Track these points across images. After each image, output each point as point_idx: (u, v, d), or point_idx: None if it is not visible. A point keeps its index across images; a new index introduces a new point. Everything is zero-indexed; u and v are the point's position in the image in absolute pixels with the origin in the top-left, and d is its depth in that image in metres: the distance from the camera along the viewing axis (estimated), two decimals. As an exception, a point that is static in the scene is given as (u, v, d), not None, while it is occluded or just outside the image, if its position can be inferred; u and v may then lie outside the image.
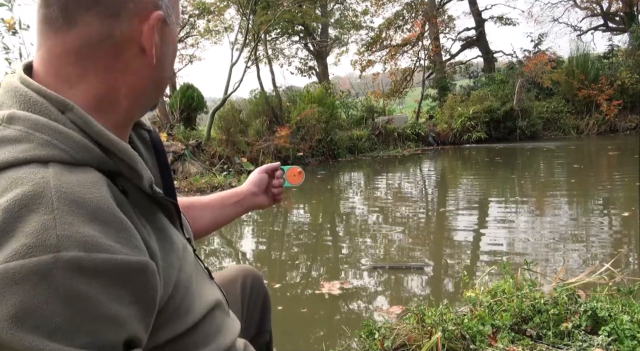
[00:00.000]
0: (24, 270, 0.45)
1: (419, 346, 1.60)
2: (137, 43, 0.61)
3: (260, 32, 11.64)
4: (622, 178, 6.63)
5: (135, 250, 0.53)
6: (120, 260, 0.50)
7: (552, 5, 20.82)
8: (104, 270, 0.49)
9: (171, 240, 0.67)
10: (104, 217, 0.51)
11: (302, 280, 3.35)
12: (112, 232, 0.51)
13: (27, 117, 0.55)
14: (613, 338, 1.53)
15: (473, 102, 13.66)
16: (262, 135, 10.53)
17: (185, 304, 0.67)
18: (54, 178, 0.51)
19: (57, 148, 0.53)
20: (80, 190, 0.51)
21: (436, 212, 5.49)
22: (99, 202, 0.52)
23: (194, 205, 1.08)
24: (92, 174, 0.54)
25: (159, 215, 0.67)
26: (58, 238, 0.47)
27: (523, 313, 1.75)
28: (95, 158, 0.56)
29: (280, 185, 1.16)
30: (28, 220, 0.47)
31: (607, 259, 2.88)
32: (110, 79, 0.61)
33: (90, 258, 0.48)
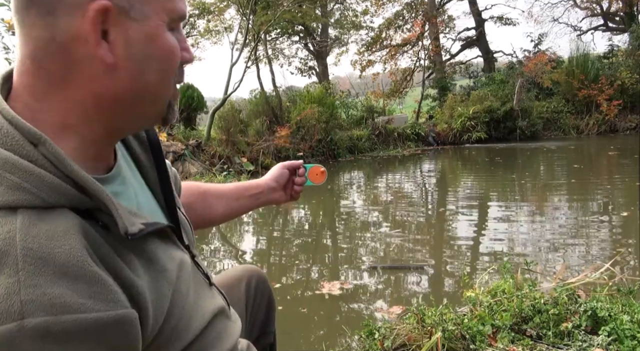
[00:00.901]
0: None
1: (419, 346, 1.60)
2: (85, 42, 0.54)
3: (260, 32, 11.64)
4: (622, 178, 6.63)
5: (110, 304, 0.49)
6: (93, 318, 0.47)
7: (552, 5, 20.85)
8: (75, 332, 0.45)
9: (162, 266, 0.62)
10: (74, 271, 0.47)
11: (302, 280, 3.35)
12: (83, 287, 0.47)
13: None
14: (613, 338, 1.53)
15: (473, 102, 13.66)
16: (262, 135, 10.53)
17: (182, 324, 0.64)
18: (21, 231, 0.47)
19: (27, 192, 0.50)
20: (48, 243, 0.47)
21: (436, 211, 5.49)
22: (69, 256, 0.47)
23: (210, 192, 1.05)
24: (64, 220, 0.50)
25: (147, 241, 0.62)
26: (22, 304, 0.44)
27: (523, 313, 1.75)
28: (69, 198, 0.52)
29: (302, 183, 1.14)
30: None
31: (607, 259, 2.88)
32: (69, 88, 0.55)
33: (59, 322, 0.44)
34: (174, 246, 0.69)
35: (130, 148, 0.73)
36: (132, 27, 0.56)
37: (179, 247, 0.70)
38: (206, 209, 1.02)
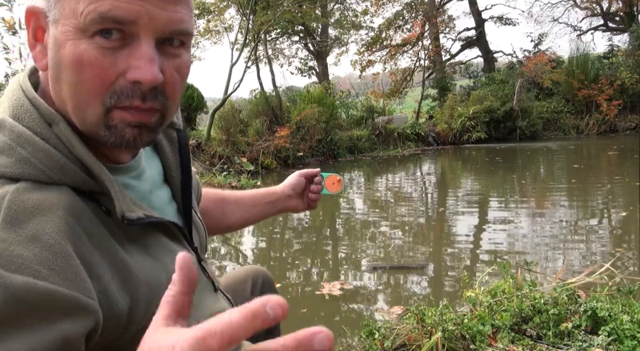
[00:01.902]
0: None
1: (419, 346, 1.60)
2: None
3: (260, 32, 11.63)
4: (622, 178, 6.63)
5: (68, 282, 0.48)
6: (42, 287, 0.46)
7: (552, 5, 20.85)
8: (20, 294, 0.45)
9: (160, 258, 0.63)
10: (44, 241, 0.48)
11: (303, 280, 3.35)
12: (46, 257, 0.47)
13: (13, 127, 0.54)
14: (613, 338, 1.53)
15: (473, 102, 13.66)
16: (262, 135, 10.53)
17: None
18: (12, 194, 0.50)
19: (33, 167, 0.53)
20: (32, 210, 0.49)
21: (436, 211, 5.49)
22: (45, 226, 0.49)
23: (227, 199, 1.06)
24: (57, 196, 0.52)
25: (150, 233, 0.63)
26: None
27: (523, 313, 1.75)
28: (73, 178, 0.54)
29: (318, 191, 1.14)
30: None
31: (607, 259, 2.88)
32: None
33: (8, 278, 0.44)
34: (179, 244, 0.69)
35: (158, 146, 0.75)
36: (51, 31, 0.55)
37: (185, 246, 0.71)
38: (223, 215, 1.04)
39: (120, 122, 0.55)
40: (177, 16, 0.55)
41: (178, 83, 0.59)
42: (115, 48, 0.53)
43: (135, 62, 0.53)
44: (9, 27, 5.39)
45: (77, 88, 0.54)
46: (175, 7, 0.55)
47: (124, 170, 0.65)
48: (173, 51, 0.57)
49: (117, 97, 0.54)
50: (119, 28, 0.52)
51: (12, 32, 5.45)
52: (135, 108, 0.55)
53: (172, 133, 0.75)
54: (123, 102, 0.54)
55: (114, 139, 0.56)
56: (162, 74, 0.55)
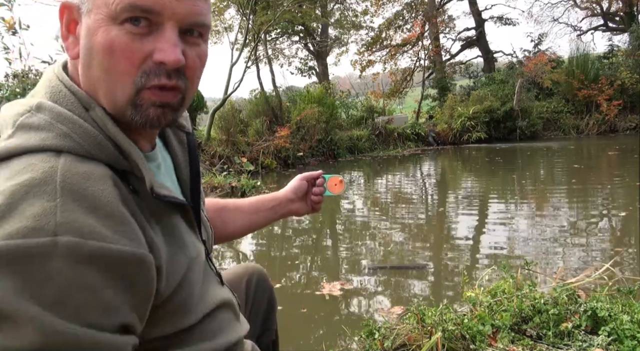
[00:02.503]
0: (23, 250, 0.48)
1: (419, 346, 1.60)
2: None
3: (260, 32, 11.63)
4: (622, 178, 6.63)
5: (133, 242, 0.55)
6: (115, 250, 0.52)
7: (552, 5, 20.86)
8: (98, 258, 0.51)
9: (182, 240, 0.68)
10: (104, 209, 0.53)
11: (303, 280, 3.35)
12: (110, 224, 0.53)
13: (53, 108, 0.59)
14: (613, 338, 1.53)
15: (473, 102, 13.66)
16: (262, 135, 10.53)
17: (189, 302, 0.68)
18: (62, 168, 0.54)
19: (73, 141, 0.57)
20: (85, 182, 0.54)
21: (436, 212, 5.50)
22: (101, 195, 0.54)
23: (227, 207, 1.07)
24: (100, 169, 0.57)
25: (172, 216, 0.68)
26: (57, 224, 0.50)
27: (523, 313, 1.75)
28: (108, 156, 0.59)
29: (321, 193, 1.14)
30: (32, 203, 0.51)
31: (607, 259, 2.88)
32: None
33: (86, 245, 0.50)
34: (194, 232, 0.74)
35: (169, 146, 0.79)
36: (84, 21, 0.61)
37: (197, 237, 0.75)
38: (224, 224, 1.05)
39: (146, 102, 0.61)
40: (196, 9, 0.62)
41: (198, 68, 0.65)
42: (143, 34, 0.59)
43: (160, 45, 0.59)
44: (9, 27, 5.38)
45: (109, 71, 0.59)
46: (194, 2, 0.61)
47: (147, 158, 0.69)
48: (193, 40, 0.64)
49: (147, 76, 0.60)
50: (146, 16, 0.59)
51: (12, 32, 5.45)
52: (162, 88, 0.61)
53: (182, 135, 0.80)
54: (152, 81, 0.60)
55: (139, 118, 0.61)
56: (185, 58, 0.61)
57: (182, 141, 0.80)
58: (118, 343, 0.53)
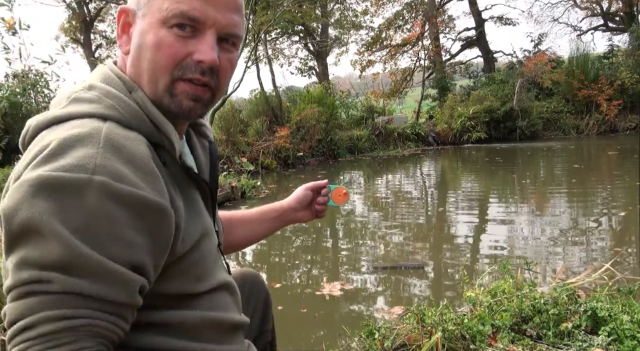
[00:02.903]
0: (64, 180, 0.58)
1: (419, 346, 1.60)
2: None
3: (260, 32, 11.63)
4: (622, 178, 6.63)
5: (158, 193, 0.64)
6: (141, 195, 0.61)
7: (552, 5, 20.84)
8: (125, 198, 0.60)
9: (200, 212, 0.77)
10: (137, 163, 0.63)
11: (303, 280, 3.35)
12: (141, 175, 0.62)
13: (103, 86, 0.71)
14: (613, 338, 1.53)
15: (473, 102, 13.65)
16: (262, 135, 10.52)
17: (199, 270, 0.76)
18: (107, 129, 0.64)
19: (117, 112, 0.68)
20: (124, 141, 0.64)
21: (436, 211, 5.50)
22: (137, 152, 0.64)
23: (232, 219, 1.12)
24: (139, 136, 0.67)
25: (193, 191, 0.78)
26: (96, 166, 0.59)
27: (523, 313, 1.75)
28: (146, 128, 0.69)
29: (325, 202, 1.15)
30: (78, 149, 0.61)
31: (607, 259, 2.88)
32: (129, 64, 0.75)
33: (117, 186, 0.59)
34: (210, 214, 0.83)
35: (193, 150, 0.88)
36: (138, 24, 0.73)
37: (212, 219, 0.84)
38: (229, 235, 1.08)
39: (181, 93, 0.72)
40: (233, 22, 0.74)
41: (228, 71, 0.77)
42: (187, 37, 0.71)
43: (200, 47, 0.71)
44: (9, 27, 5.38)
45: (154, 63, 0.71)
46: (232, 16, 0.74)
47: None
48: (227, 47, 0.76)
49: (183, 70, 0.71)
50: (192, 24, 0.71)
51: (12, 32, 5.45)
52: (195, 82, 0.72)
53: (206, 142, 0.91)
54: (187, 75, 0.71)
55: (174, 106, 0.72)
56: (219, 60, 0.73)
57: (205, 147, 0.90)
58: (127, 277, 0.61)
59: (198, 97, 0.73)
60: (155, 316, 0.72)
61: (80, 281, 0.57)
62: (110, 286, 0.59)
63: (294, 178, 8.83)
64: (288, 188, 7.75)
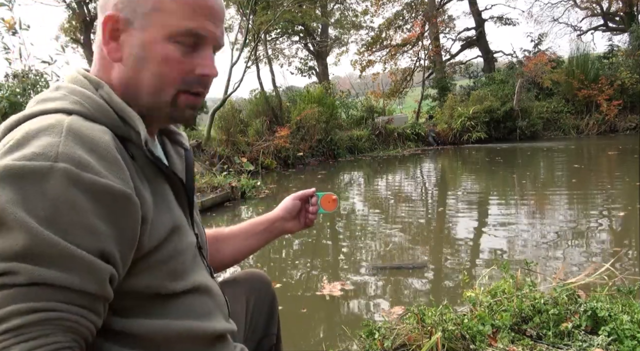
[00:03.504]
0: (26, 168, 0.58)
1: (419, 346, 1.60)
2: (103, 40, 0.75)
3: (260, 32, 11.63)
4: (622, 178, 6.63)
5: (122, 182, 0.63)
6: (104, 183, 0.61)
7: (552, 5, 20.85)
8: (88, 185, 0.60)
9: (169, 205, 0.76)
10: (100, 151, 0.63)
11: (303, 281, 3.35)
12: (104, 164, 0.62)
13: (69, 85, 0.73)
14: (613, 338, 1.53)
15: (473, 102, 13.65)
16: (262, 135, 10.53)
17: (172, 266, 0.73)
18: (70, 120, 0.65)
19: (82, 106, 0.69)
20: (87, 131, 0.64)
21: (436, 212, 5.50)
22: (100, 140, 0.64)
23: (220, 237, 1.09)
24: (104, 128, 0.67)
25: (163, 185, 0.77)
26: (58, 154, 0.59)
27: (523, 313, 1.75)
28: (112, 122, 0.70)
29: (316, 211, 1.14)
30: (40, 138, 0.61)
31: (607, 259, 2.88)
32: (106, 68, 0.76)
33: (80, 174, 0.59)
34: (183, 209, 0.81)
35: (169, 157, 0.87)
36: (134, 34, 0.73)
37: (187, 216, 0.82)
38: (218, 253, 1.06)
39: (183, 104, 0.75)
40: (221, 34, 0.78)
41: None
42: (190, 52, 0.74)
43: (204, 62, 0.75)
44: (9, 27, 5.38)
45: (162, 77, 0.73)
46: (221, 28, 0.77)
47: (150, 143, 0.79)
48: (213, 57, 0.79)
49: (189, 85, 0.74)
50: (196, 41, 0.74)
51: (12, 32, 5.45)
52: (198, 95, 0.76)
53: (181, 150, 0.90)
54: (194, 88, 0.75)
55: (176, 114, 0.76)
56: None
57: (181, 155, 0.89)
58: (95, 266, 0.60)
59: (196, 106, 0.78)
60: (119, 323, 0.68)
61: (47, 270, 0.56)
62: (79, 274, 0.58)
63: (294, 178, 8.83)
64: (288, 188, 7.75)
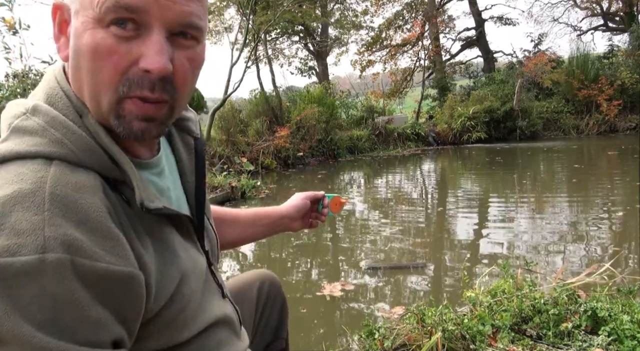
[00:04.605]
0: (12, 268, 0.47)
1: (419, 346, 1.60)
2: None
3: (260, 32, 11.63)
4: (622, 178, 6.63)
5: (120, 259, 0.53)
6: (102, 268, 0.51)
7: (552, 5, 20.85)
8: (86, 275, 0.50)
9: (174, 253, 0.65)
10: (93, 224, 0.52)
11: (304, 281, 3.35)
12: (98, 240, 0.52)
13: (48, 112, 0.57)
14: (613, 338, 1.53)
15: (473, 102, 13.65)
16: (262, 135, 10.52)
17: (182, 317, 0.65)
18: (52, 178, 0.52)
19: (65, 148, 0.55)
20: (74, 194, 0.52)
21: (436, 211, 5.50)
22: (90, 208, 0.52)
23: (224, 218, 1.04)
24: (91, 179, 0.55)
25: (165, 228, 0.65)
26: (45, 239, 0.48)
27: (523, 313, 1.75)
28: (100, 164, 0.57)
29: (326, 214, 1.14)
30: (19, 218, 0.49)
31: (607, 259, 2.88)
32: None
33: (74, 262, 0.49)
34: (193, 244, 0.71)
35: (175, 150, 0.76)
36: (72, 23, 0.58)
37: (197, 248, 0.72)
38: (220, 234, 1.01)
39: (129, 114, 0.57)
40: (187, 9, 0.57)
41: (189, 74, 0.60)
42: (130, 38, 0.55)
43: (145, 50, 0.55)
44: (9, 27, 5.38)
45: (94, 75, 0.56)
46: (186, 2, 0.57)
47: (146, 165, 0.67)
48: (185, 43, 0.59)
49: (129, 85, 0.56)
50: (132, 17, 0.55)
51: (12, 32, 5.45)
52: (144, 99, 0.57)
53: (189, 139, 0.77)
54: (134, 91, 0.56)
55: (122, 130, 0.58)
56: (172, 64, 0.57)
57: (189, 145, 0.77)
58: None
59: (150, 117, 0.58)
60: None
61: None
62: None
63: (294, 178, 8.83)
64: (288, 188, 7.75)
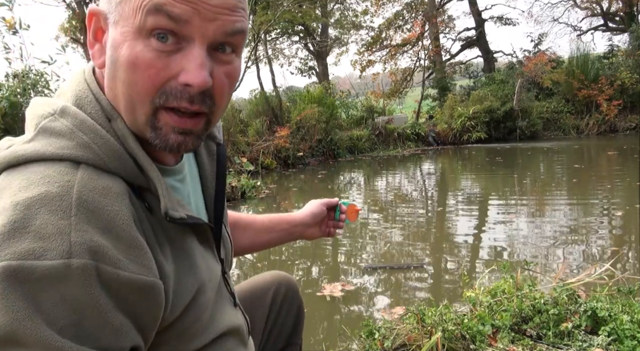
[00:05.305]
0: (36, 272, 0.47)
1: (419, 346, 1.60)
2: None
3: (260, 32, 11.63)
4: (622, 178, 6.63)
5: (143, 268, 0.54)
6: (126, 277, 0.51)
7: (552, 5, 20.84)
8: (110, 282, 0.50)
9: (194, 262, 0.65)
10: (117, 231, 0.52)
11: (304, 281, 3.35)
12: (122, 247, 0.52)
13: (77, 114, 0.57)
14: (613, 338, 1.53)
15: (473, 102, 13.65)
16: (262, 135, 10.53)
17: (195, 327, 0.66)
18: (80, 183, 0.52)
19: (93, 152, 0.55)
20: (101, 200, 0.52)
21: (436, 211, 5.50)
22: (116, 216, 0.52)
23: (239, 223, 1.03)
24: (117, 185, 0.55)
25: (187, 236, 0.65)
26: (71, 244, 0.49)
27: (523, 313, 1.75)
28: (127, 171, 0.57)
29: (343, 221, 1.12)
30: (45, 221, 0.49)
31: (607, 259, 2.88)
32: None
33: (99, 269, 0.50)
34: (210, 252, 0.71)
35: (197, 155, 0.76)
36: (110, 32, 0.58)
37: (214, 256, 0.72)
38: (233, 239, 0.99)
39: (165, 125, 0.57)
40: (231, 19, 0.57)
41: (226, 88, 0.61)
42: (170, 52, 0.55)
43: (187, 65, 0.55)
44: (10, 27, 5.39)
45: (130, 87, 0.56)
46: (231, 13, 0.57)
47: (170, 172, 0.67)
48: (224, 58, 0.59)
49: (166, 97, 0.56)
50: (173, 29, 0.54)
51: (12, 32, 5.46)
52: (183, 111, 0.57)
53: (212, 145, 0.78)
54: (171, 102, 0.56)
55: (159, 142, 0.58)
56: (212, 78, 0.57)
57: (212, 151, 0.77)
58: None
59: (187, 130, 0.58)
60: None
61: None
62: None
63: (294, 178, 8.83)
64: (288, 188, 7.75)
